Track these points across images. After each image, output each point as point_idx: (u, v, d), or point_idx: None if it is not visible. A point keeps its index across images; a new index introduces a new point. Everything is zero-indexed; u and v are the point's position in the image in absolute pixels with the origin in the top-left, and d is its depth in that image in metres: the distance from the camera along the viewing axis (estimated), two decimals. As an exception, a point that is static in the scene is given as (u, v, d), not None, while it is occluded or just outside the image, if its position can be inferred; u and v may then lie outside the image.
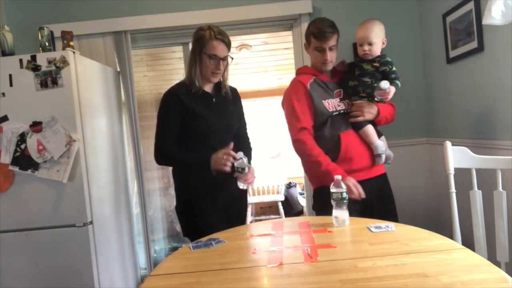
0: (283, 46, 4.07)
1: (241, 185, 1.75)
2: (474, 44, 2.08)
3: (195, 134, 1.80)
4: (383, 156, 1.91)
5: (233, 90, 1.97)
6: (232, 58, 1.87)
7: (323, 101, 1.90)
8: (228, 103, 1.92)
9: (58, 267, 2.09)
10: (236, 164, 1.71)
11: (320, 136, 1.91)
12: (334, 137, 1.88)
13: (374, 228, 1.49)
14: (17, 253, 2.09)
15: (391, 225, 1.51)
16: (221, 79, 1.91)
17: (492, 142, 2.00)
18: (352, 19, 2.74)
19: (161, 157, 1.82)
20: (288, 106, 1.95)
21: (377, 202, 1.91)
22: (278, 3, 2.75)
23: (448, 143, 1.75)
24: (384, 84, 1.83)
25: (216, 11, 2.76)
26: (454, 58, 2.32)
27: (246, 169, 1.72)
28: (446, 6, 2.35)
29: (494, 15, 1.59)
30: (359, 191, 1.74)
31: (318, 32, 1.87)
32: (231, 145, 1.74)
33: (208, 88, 1.87)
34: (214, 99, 1.87)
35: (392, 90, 1.88)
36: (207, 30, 1.78)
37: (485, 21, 1.63)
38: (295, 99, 1.91)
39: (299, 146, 1.89)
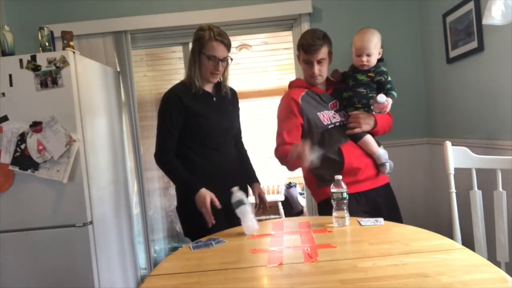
0: (283, 46, 4.06)
1: (247, 230, 1.55)
2: (474, 44, 2.08)
3: (196, 133, 1.80)
4: (387, 165, 1.87)
5: (233, 91, 1.97)
6: (232, 59, 1.86)
7: (318, 113, 1.87)
8: (228, 103, 1.92)
9: (58, 267, 2.09)
10: (232, 199, 1.60)
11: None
12: (335, 151, 1.83)
13: (363, 221, 1.52)
14: (17, 253, 2.09)
15: (380, 219, 1.54)
16: (221, 79, 1.90)
17: (492, 142, 2.00)
18: (352, 19, 2.76)
19: (159, 162, 1.82)
20: (278, 121, 1.95)
21: (385, 212, 1.85)
22: (278, 3, 2.75)
23: (448, 143, 1.75)
24: (381, 98, 1.77)
25: (216, 11, 2.76)
26: (454, 58, 2.32)
27: (246, 202, 1.58)
28: (446, 6, 2.35)
29: (494, 15, 1.59)
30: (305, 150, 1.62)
31: (306, 44, 1.82)
32: (216, 203, 1.71)
33: (208, 87, 1.87)
34: (214, 99, 1.87)
35: (389, 102, 1.81)
36: (207, 30, 1.77)
37: (485, 21, 1.64)
38: (284, 116, 1.90)
39: (276, 153, 1.89)
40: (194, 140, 1.80)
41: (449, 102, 2.47)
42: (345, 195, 1.53)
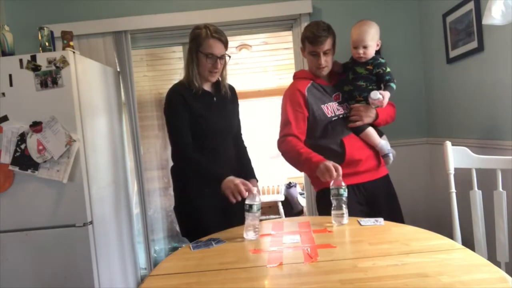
0: (283, 46, 4.06)
1: (250, 235, 1.47)
2: (474, 44, 2.08)
3: (195, 134, 1.79)
4: (391, 155, 1.89)
5: (231, 89, 1.96)
6: (230, 57, 1.85)
7: (322, 105, 1.90)
8: (228, 102, 1.91)
9: (58, 267, 2.09)
10: (247, 200, 1.51)
11: (323, 143, 1.90)
12: (337, 143, 1.86)
13: (363, 221, 1.54)
14: (17, 253, 2.09)
15: (380, 219, 1.55)
16: (220, 78, 1.89)
17: (492, 142, 2.00)
18: (352, 19, 2.73)
19: (182, 160, 1.79)
20: (283, 111, 1.95)
21: (384, 203, 1.90)
22: (278, 3, 2.75)
23: (448, 143, 1.75)
24: (374, 95, 1.78)
25: (216, 11, 2.76)
26: (454, 58, 2.32)
27: (255, 208, 1.47)
28: (446, 6, 2.35)
29: (494, 15, 1.59)
30: (332, 174, 1.62)
31: (312, 36, 1.84)
32: (253, 183, 1.65)
33: (207, 87, 1.86)
34: (214, 98, 1.86)
35: (386, 95, 1.83)
36: (203, 28, 1.76)
37: (485, 21, 1.63)
38: (290, 106, 1.91)
39: (282, 143, 1.89)
40: (194, 141, 1.80)
41: (449, 102, 2.47)
42: (342, 191, 1.54)
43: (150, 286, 1.14)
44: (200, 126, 1.79)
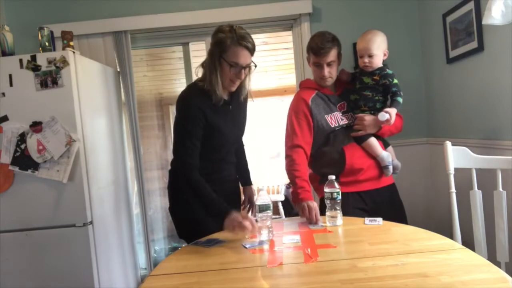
0: (283, 46, 4.06)
1: (264, 235, 1.46)
2: (474, 44, 2.08)
3: (207, 145, 1.68)
4: (391, 168, 1.88)
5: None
6: (256, 66, 1.67)
7: (326, 116, 1.88)
8: (241, 110, 1.84)
9: (58, 267, 2.09)
10: (259, 201, 1.49)
11: (324, 151, 1.89)
12: (338, 151, 1.86)
13: (368, 221, 1.59)
14: (17, 253, 2.09)
15: (379, 219, 1.58)
16: (242, 86, 1.74)
17: (492, 142, 2.00)
18: (352, 19, 2.76)
19: (188, 183, 1.62)
20: (288, 121, 1.95)
21: (386, 211, 1.84)
22: (278, 3, 2.75)
23: (448, 143, 1.75)
24: (382, 116, 1.78)
25: (216, 11, 2.76)
26: (454, 58, 2.32)
27: (271, 209, 1.48)
28: (446, 6, 2.35)
29: (494, 15, 1.59)
30: (312, 217, 1.62)
31: (316, 47, 1.83)
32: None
33: (225, 94, 1.70)
34: (230, 107, 1.74)
35: (393, 112, 1.81)
36: (229, 33, 1.56)
37: (485, 21, 1.64)
38: (295, 116, 1.90)
39: (288, 162, 1.86)
40: (204, 149, 1.68)
41: (449, 102, 2.47)
42: (335, 195, 1.55)
43: (150, 286, 1.15)
44: (213, 140, 1.68)
